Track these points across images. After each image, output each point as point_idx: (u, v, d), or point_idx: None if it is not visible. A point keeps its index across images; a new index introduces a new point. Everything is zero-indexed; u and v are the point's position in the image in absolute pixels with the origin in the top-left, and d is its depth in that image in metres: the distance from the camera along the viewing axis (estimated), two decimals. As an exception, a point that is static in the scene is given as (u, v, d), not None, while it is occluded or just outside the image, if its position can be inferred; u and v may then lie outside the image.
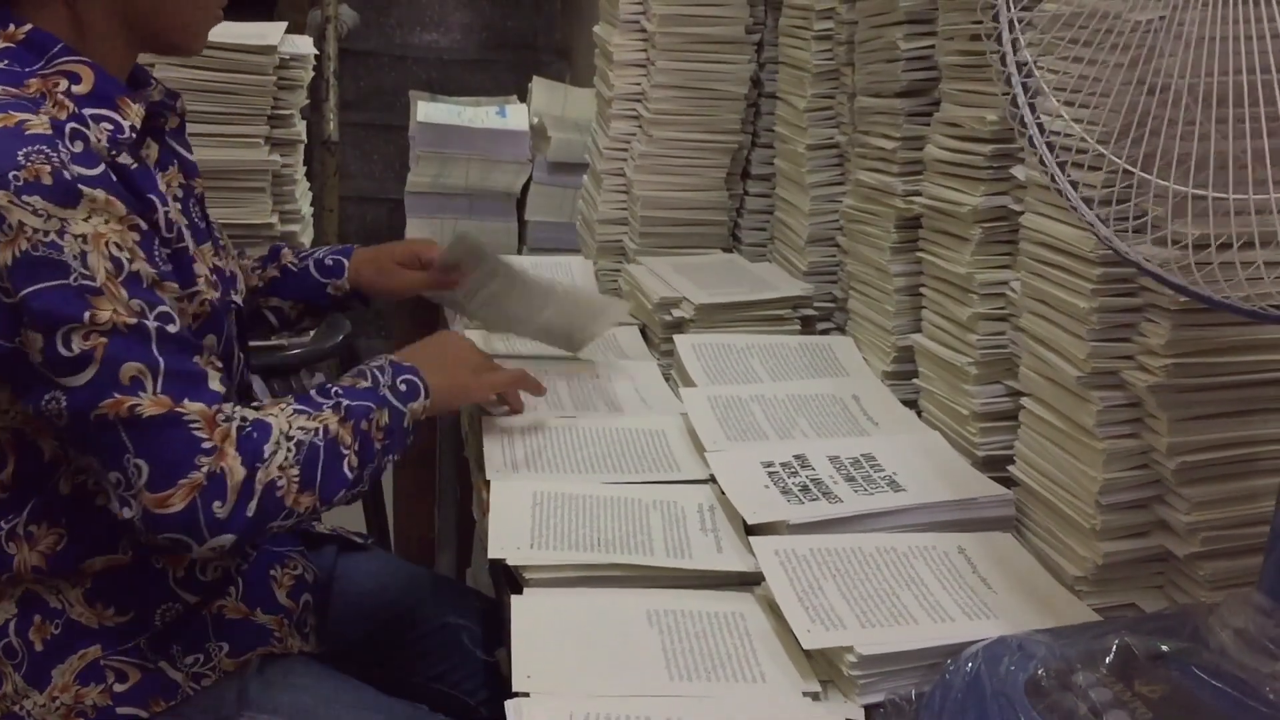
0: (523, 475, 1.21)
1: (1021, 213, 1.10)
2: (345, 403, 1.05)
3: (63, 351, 0.91)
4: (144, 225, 0.97)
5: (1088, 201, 0.80)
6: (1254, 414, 0.98)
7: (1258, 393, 0.97)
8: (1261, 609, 0.80)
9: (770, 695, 0.89)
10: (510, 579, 1.05)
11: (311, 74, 1.69)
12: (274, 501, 0.98)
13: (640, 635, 0.95)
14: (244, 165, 1.65)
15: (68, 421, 0.93)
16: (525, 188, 2.41)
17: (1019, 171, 1.15)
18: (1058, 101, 0.80)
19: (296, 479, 0.99)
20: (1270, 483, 0.98)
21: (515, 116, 2.45)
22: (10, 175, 0.89)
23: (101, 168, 0.95)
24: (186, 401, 0.94)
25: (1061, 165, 0.81)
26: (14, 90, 0.95)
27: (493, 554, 1.05)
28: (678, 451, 1.27)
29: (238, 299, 1.16)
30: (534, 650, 0.93)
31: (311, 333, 1.78)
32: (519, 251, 2.41)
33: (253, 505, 0.96)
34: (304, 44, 1.68)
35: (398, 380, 1.11)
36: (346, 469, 1.02)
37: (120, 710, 1.02)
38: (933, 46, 1.32)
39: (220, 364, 1.02)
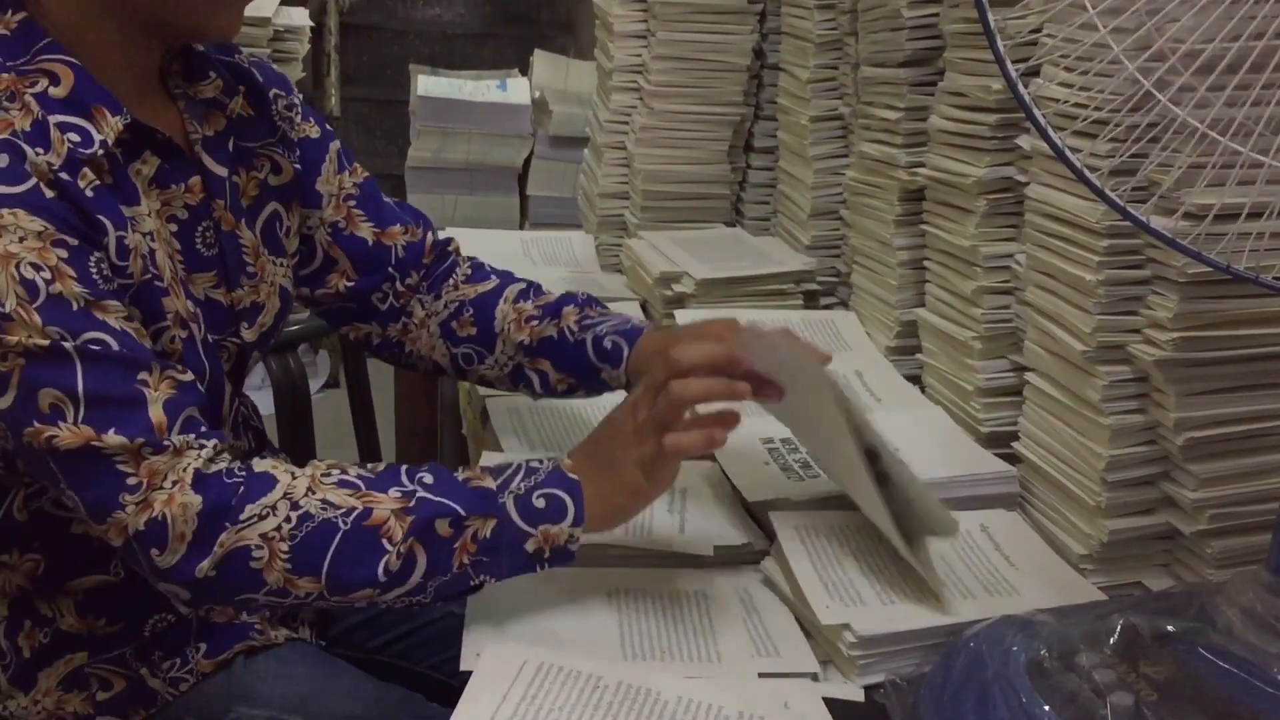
0: (517, 452, 1.19)
1: (1027, 184, 1.08)
2: (420, 494, 0.89)
3: None
4: (72, 241, 0.87)
5: (1092, 171, 0.78)
6: (1263, 388, 0.96)
7: (1266, 367, 0.96)
8: (1269, 587, 0.79)
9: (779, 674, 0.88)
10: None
11: (307, 46, 1.67)
12: (244, 571, 0.85)
13: (599, 613, 0.94)
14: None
15: (12, 444, 0.87)
16: (527, 163, 2.39)
17: (1024, 141, 1.13)
18: (1058, 68, 0.78)
19: (286, 555, 0.86)
20: (1279, 458, 0.96)
21: (516, 90, 2.43)
22: None
23: (29, 184, 0.86)
24: (110, 433, 0.84)
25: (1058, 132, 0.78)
26: None
27: None
28: None
29: (249, 335, 1.05)
30: (487, 628, 0.91)
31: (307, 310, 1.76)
32: (520, 227, 2.39)
33: (206, 565, 0.85)
34: (299, 16, 1.66)
35: (536, 493, 0.91)
36: (380, 567, 0.87)
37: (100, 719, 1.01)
38: (937, 14, 1.29)
39: (184, 376, 0.90)
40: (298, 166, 1.11)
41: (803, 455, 1.14)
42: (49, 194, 0.86)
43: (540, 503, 0.91)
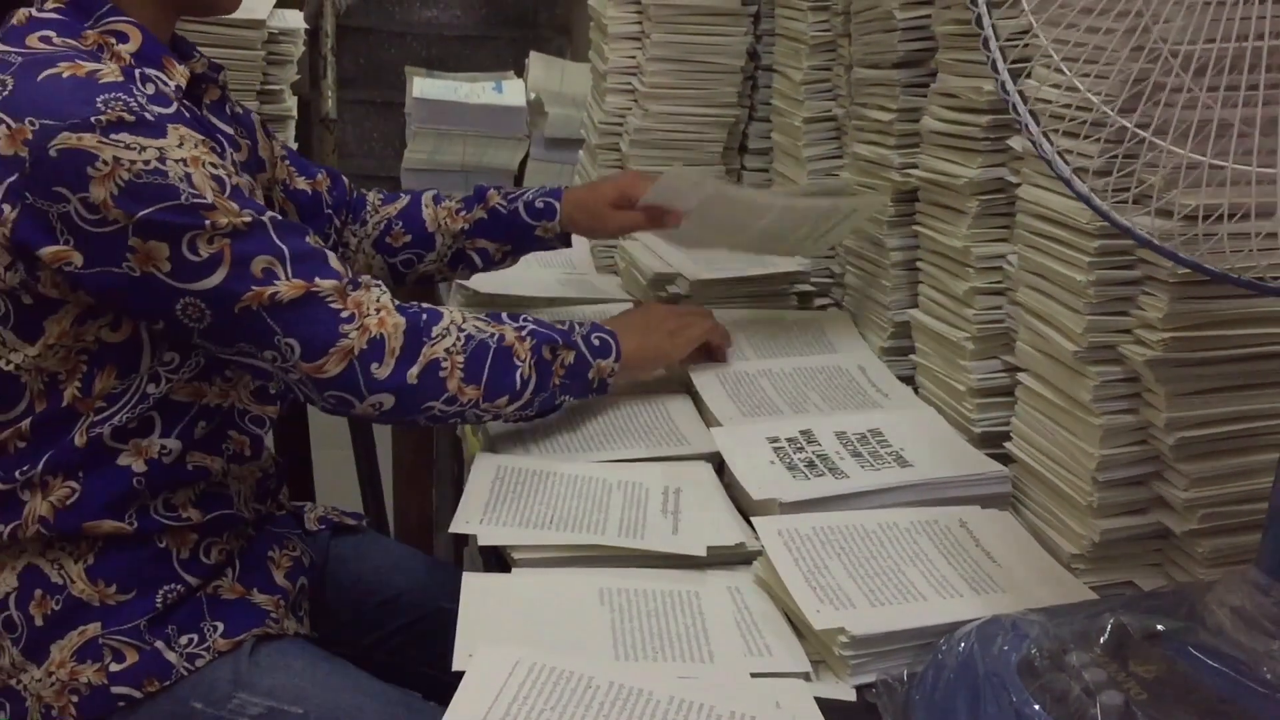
0: (515, 453, 1.19)
1: (1018, 184, 1.08)
2: (530, 327, 1.12)
3: (191, 257, 0.96)
4: (218, 148, 1.02)
5: (1081, 172, 0.78)
6: (1253, 388, 0.96)
7: (1257, 366, 0.96)
8: (1259, 587, 0.79)
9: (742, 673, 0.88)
10: (499, 559, 1.04)
11: (302, 48, 1.67)
12: (434, 380, 1.04)
13: (591, 614, 0.94)
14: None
15: (210, 320, 0.99)
16: (523, 164, 2.39)
17: (1016, 143, 1.13)
18: (1051, 69, 0.78)
19: (461, 367, 1.05)
20: (1269, 458, 0.96)
21: (511, 92, 2.43)
22: (93, 119, 0.93)
23: (175, 106, 1.00)
24: (318, 279, 1.00)
25: (1048, 134, 0.79)
26: (73, 42, 0.99)
27: (452, 528, 1.04)
28: (683, 426, 1.26)
29: None
30: (479, 629, 0.91)
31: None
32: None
33: (414, 371, 1.03)
34: (294, 18, 1.66)
35: (593, 334, 1.17)
36: (518, 377, 1.09)
37: (114, 690, 1.02)
38: (929, 16, 1.30)
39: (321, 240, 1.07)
40: (248, 141, 1.20)
41: (808, 454, 1.14)
42: (187, 114, 1.01)
43: (597, 341, 1.17)
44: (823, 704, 0.84)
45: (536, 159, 2.35)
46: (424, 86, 2.40)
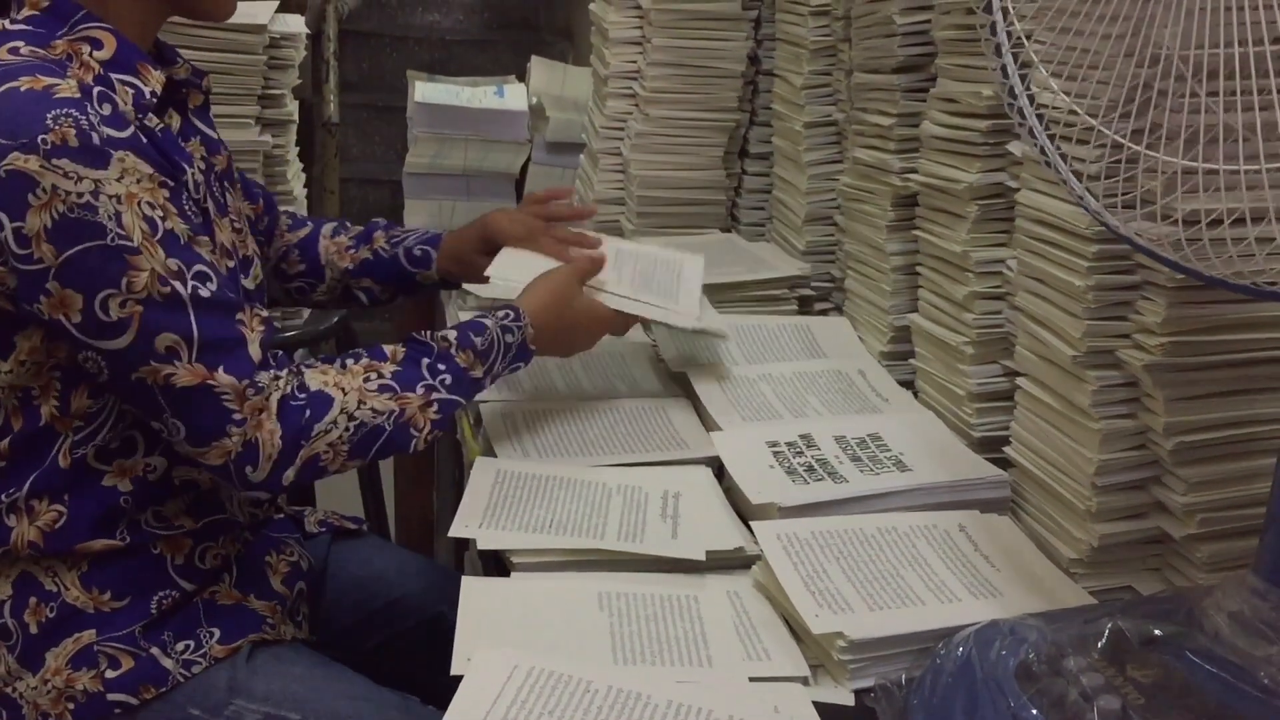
0: (515, 457, 1.20)
1: (1018, 189, 1.09)
2: (441, 396, 1.08)
3: (101, 316, 0.94)
4: (170, 182, 0.99)
5: (1079, 176, 0.78)
6: (1251, 393, 0.97)
7: (1255, 371, 0.96)
8: (1257, 592, 0.79)
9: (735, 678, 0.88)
10: (499, 563, 1.04)
11: (304, 53, 1.67)
12: (315, 470, 1.03)
13: (590, 618, 0.94)
14: (234, 145, 1.61)
15: (107, 377, 0.98)
16: (524, 168, 2.38)
17: (1015, 148, 1.13)
18: (1049, 74, 0.78)
19: (346, 452, 1.03)
20: (1268, 463, 0.96)
21: (513, 96, 2.43)
22: (39, 139, 0.91)
23: (131, 130, 0.96)
24: (220, 372, 0.97)
25: (1052, 139, 0.79)
26: (41, 52, 0.97)
27: (451, 532, 1.05)
28: (683, 431, 1.26)
29: (248, 284, 1.14)
30: (477, 633, 0.92)
31: (306, 314, 1.76)
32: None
33: (290, 473, 1.01)
34: (295, 23, 1.66)
35: (509, 368, 1.16)
36: (412, 446, 1.08)
37: (111, 697, 1.02)
38: (929, 21, 1.30)
39: (264, 311, 1.05)
40: (226, 154, 1.20)
41: (808, 458, 1.15)
42: (143, 139, 0.98)
43: (505, 372, 1.16)
44: (821, 708, 0.85)
45: (538, 163, 2.35)
46: (426, 91, 2.40)
